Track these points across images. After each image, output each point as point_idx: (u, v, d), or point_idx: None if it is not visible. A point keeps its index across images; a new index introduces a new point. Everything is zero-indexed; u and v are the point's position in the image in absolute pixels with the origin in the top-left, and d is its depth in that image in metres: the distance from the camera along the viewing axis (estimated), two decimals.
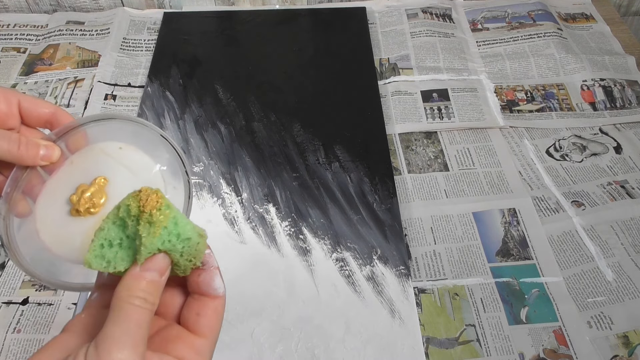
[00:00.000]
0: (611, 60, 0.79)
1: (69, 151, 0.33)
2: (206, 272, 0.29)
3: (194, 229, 0.28)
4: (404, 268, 0.56)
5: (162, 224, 0.26)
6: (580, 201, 0.62)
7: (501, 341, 0.51)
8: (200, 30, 0.85)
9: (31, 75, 0.79)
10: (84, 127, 0.33)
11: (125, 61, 0.82)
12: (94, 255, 0.27)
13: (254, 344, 0.51)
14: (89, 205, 0.31)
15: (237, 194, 0.63)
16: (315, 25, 0.87)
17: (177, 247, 0.27)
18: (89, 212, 0.31)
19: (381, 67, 0.80)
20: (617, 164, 0.66)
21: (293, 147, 0.68)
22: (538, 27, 0.84)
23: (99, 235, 0.27)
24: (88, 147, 0.33)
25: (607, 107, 0.73)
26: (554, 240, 0.59)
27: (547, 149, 0.68)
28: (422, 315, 0.53)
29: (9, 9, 0.91)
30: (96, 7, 0.92)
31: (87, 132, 0.33)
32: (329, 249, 0.58)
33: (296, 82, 0.77)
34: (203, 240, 0.28)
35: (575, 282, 0.55)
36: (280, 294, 0.55)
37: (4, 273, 0.58)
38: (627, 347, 0.51)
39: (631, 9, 0.96)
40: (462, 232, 0.60)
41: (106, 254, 0.27)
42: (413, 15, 0.87)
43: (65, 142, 0.32)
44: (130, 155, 0.33)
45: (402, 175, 0.66)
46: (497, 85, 0.76)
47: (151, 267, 0.26)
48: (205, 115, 0.72)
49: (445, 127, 0.71)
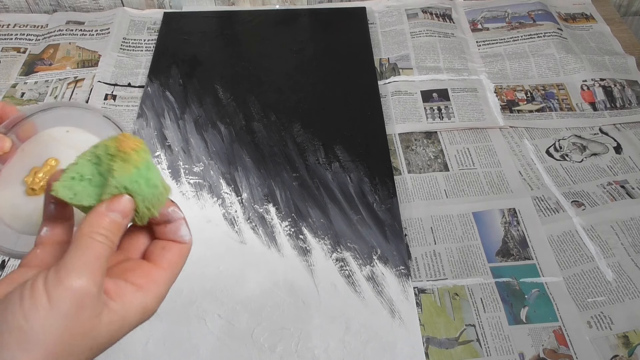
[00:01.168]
0: (611, 60, 0.79)
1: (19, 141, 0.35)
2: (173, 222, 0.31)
3: (162, 181, 0.29)
4: (404, 268, 0.56)
5: (135, 164, 0.27)
6: (580, 201, 0.62)
7: (501, 341, 0.51)
8: (200, 30, 0.85)
9: (31, 75, 0.79)
10: (31, 118, 0.35)
11: (125, 61, 0.82)
12: (62, 186, 0.28)
13: (254, 344, 0.51)
14: (43, 183, 0.34)
15: (237, 194, 0.63)
16: (315, 25, 0.87)
17: (144, 191, 0.28)
18: (43, 189, 0.34)
19: (381, 67, 0.80)
20: (617, 164, 0.66)
21: (293, 147, 0.68)
22: (538, 27, 0.84)
23: (72, 168, 0.28)
24: (37, 135, 0.35)
25: (607, 107, 0.73)
26: (554, 240, 0.59)
27: (547, 149, 0.68)
28: (422, 315, 0.53)
29: (9, 9, 0.91)
30: (96, 7, 0.92)
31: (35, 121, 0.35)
32: (329, 249, 0.58)
33: (296, 82, 0.77)
34: (166, 192, 0.30)
35: (575, 282, 0.55)
36: (280, 294, 0.55)
37: (4, 273, 0.58)
38: (627, 347, 0.51)
39: (631, 9, 0.96)
40: (462, 232, 0.60)
41: (75, 186, 0.28)
42: (413, 15, 0.87)
43: (16, 133, 0.34)
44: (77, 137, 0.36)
45: (402, 175, 0.66)
46: (497, 85, 0.76)
47: (115, 208, 0.27)
48: (205, 115, 0.72)
49: (445, 127, 0.71)
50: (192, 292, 0.55)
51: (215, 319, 0.53)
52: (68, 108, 0.36)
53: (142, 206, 0.28)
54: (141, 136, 0.69)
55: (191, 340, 0.51)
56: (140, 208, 0.28)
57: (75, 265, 0.25)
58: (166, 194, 0.30)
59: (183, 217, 0.31)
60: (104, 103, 0.75)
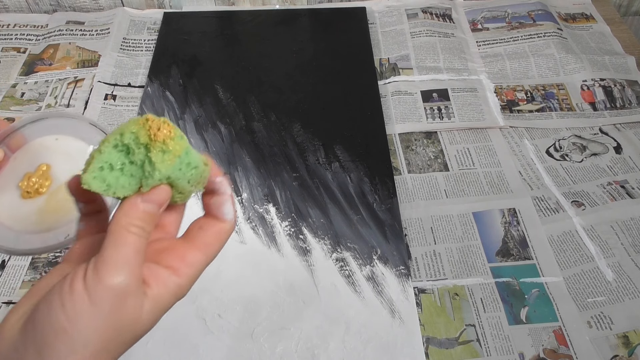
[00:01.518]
0: (611, 60, 0.79)
1: (10, 152, 0.37)
2: (219, 195, 0.30)
3: (201, 158, 0.28)
4: (404, 268, 0.56)
5: (176, 153, 0.27)
6: (580, 201, 0.62)
7: (501, 341, 0.51)
8: (200, 30, 0.85)
9: (31, 75, 0.79)
10: (21, 130, 0.36)
11: (125, 61, 0.82)
12: (93, 177, 0.26)
13: (254, 344, 0.51)
14: (37, 186, 0.36)
15: (237, 194, 0.63)
16: (315, 25, 0.87)
17: (187, 174, 0.27)
18: (38, 192, 0.36)
19: (381, 67, 0.80)
20: (617, 164, 0.66)
21: (293, 147, 0.68)
22: (538, 27, 0.84)
23: (99, 157, 0.27)
24: (28, 144, 0.37)
25: (607, 107, 0.73)
26: (554, 240, 0.59)
27: (547, 149, 0.68)
28: (422, 315, 0.53)
29: (9, 9, 0.91)
30: (96, 7, 0.92)
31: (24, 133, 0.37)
32: (329, 249, 0.58)
33: (296, 82, 0.77)
34: (208, 168, 0.29)
35: (575, 282, 0.55)
36: (280, 294, 0.55)
37: (4, 273, 0.58)
38: (627, 347, 0.51)
39: (631, 9, 0.96)
40: (462, 232, 0.60)
41: (107, 177, 0.27)
42: (413, 15, 0.87)
43: (7, 145, 0.36)
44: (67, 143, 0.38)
45: (402, 175, 0.66)
46: (497, 85, 0.76)
47: (152, 199, 0.27)
48: (205, 115, 0.72)
49: (445, 127, 0.71)
50: (192, 292, 0.54)
51: (215, 319, 0.53)
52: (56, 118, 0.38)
53: (187, 187, 0.28)
54: None
55: (191, 340, 0.51)
56: (186, 189, 0.28)
57: (114, 261, 0.25)
58: (208, 170, 0.29)
59: (230, 193, 0.30)
60: (104, 103, 0.75)
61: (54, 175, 0.38)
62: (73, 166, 0.35)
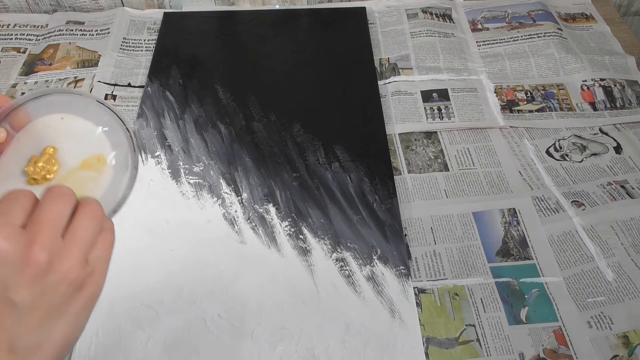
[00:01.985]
0: (611, 60, 0.79)
1: (14, 130, 0.35)
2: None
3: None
4: (404, 268, 0.56)
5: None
6: (580, 201, 0.62)
7: (501, 341, 0.51)
8: (200, 30, 0.85)
9: (31, 75, 0.79)
10: (24, 106, 0.35)
11: (125, 61, 0.82)
12: None
13: (254, 344, 0.51)
14: (44, 172, 0.34)
15: (237, 194, 0.63)
16: (315, 25, 0.87)
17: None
18: (45, 178, 0.34)
19: (381, 67, 0.80)
20: (617, 164, 0.66)
21: (293, 147, 0.68)
22: (538, 27, 0.84)
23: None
24: (32, 123, 0.35)
25: (607, 107, 0.73)
26: (554, 240, 0.59)
27: (547, 149, 0.68)
28: (422, 315, 0.53)
29: (9, 9, 0.91)
30: (96, 7, 0.92)
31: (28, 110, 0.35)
32: (329, 249, 0.58)
33: (296, 82, 0.77)
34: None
35: (575, 282, 0.55)
36: (280, 294, 0.55)
37: None
38: (627, 347, 0.51)
39: (631, 9, 0.96)
40: (462, 232, 0.60)
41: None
42: (413, 15, 0.87)
43: (9, 123, 0.34)
44: (73, 123, 0.36)
45: (402, 175, 0.66)
46: (497, 85, 0.76)
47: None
48: (205, 115, 0.72)
49: (445, 127, 0.71)
50: (192, 292, 0.55)
51: (215, 319, 0.53)
52: (60, 94, 0.36)
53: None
54: (141, 136, 0.69)
55: (191, 340, 0.51)
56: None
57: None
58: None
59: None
60: None
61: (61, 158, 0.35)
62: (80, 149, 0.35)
